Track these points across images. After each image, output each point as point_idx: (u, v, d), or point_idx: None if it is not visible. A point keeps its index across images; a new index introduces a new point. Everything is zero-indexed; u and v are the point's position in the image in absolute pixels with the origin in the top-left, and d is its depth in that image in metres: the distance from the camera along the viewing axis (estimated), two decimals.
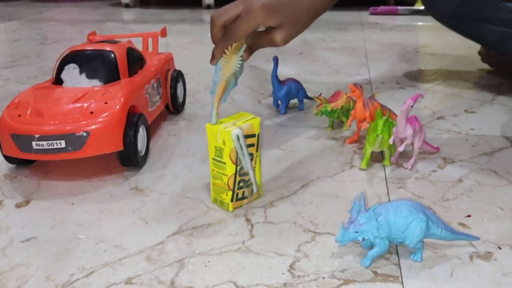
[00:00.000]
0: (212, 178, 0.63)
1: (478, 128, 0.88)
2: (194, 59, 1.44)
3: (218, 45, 0.65)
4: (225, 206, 0.63)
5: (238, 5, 0.65)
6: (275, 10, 0.65)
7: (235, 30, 0.64)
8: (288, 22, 0.65)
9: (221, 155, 0.60)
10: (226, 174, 0.61)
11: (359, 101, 0.80)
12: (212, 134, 0.60)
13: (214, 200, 0.64)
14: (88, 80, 0.76)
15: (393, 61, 1.36)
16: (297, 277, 0.51)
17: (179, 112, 0.97)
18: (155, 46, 0.96)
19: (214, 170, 0.62)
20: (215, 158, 0.61)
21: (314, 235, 0.58)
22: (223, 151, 0.59)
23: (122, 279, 0.51)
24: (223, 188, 0.62)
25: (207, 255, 0.55)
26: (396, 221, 0.51)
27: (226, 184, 0.61)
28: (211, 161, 0.62)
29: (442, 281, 0.50)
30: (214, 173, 0.62)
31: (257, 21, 0.64)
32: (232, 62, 0.63)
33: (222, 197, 0.63)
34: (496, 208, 0.63)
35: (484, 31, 1.04)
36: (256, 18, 0.64)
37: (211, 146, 0.61)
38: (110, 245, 0.57)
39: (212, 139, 0.60)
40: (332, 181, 0.71)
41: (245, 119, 0.61)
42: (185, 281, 0.50)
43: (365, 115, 0.80)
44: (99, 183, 0.71)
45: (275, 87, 0.95)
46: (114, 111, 0.69)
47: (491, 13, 1.00)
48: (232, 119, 0.62)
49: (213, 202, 0.65)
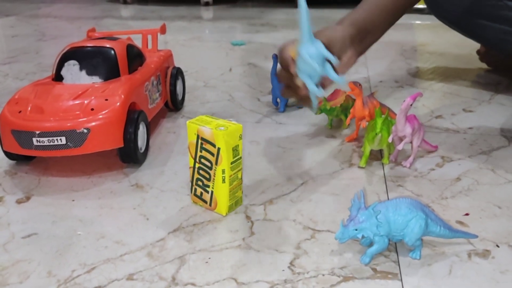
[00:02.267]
0: None
1: (476, 126, 0.89)
2: (193, 56, 1.44)
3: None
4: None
5: None
6: None
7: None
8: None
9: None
10: (190, 166, 0.62)
11: (358, 99, 0.80)
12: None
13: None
14: (88, 76, 0.76)
15: (392, 60, 1.36)
16: (297, 274, 0.51)
17: (178, 109, 0.98)
18: (155, 43, 0.97)
19: None
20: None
21: (313, 232, 0.59)
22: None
23: (123, 275, 0.51)
24: None
25: (207, 252, 0.55)
26: (396, 219, 0.51)
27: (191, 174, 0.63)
28: None
29: (440, 278, 0.51)
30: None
31: None
32: None
33: None
34: (494, 207, 0.63)
35: (484, 29, 1.05)
36: None
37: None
38: (111, 241, 0.57)
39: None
40: (331, 179, 0.71)
41: (226, 125, 0.59)
42: (186, 277, 0.51)
43: (364, 114, 0.80)
44: (99, 180, 0.71)
45: (274, 85, 0.95)
46: (114, 108, 0.69)
47: (492, 10, 1.01)
48: (216, 121, 0.61)
49: None
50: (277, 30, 1.81)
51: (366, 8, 0.80)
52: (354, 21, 0.76)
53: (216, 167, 0.59)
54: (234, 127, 0.59)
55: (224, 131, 0.58)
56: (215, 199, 0.61)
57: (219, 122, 0.60)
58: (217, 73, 1.25)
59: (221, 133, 0.57)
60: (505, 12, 0.99)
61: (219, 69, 1.28)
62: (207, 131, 0.59)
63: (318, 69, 0.59)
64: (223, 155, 0.58)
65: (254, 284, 0.50)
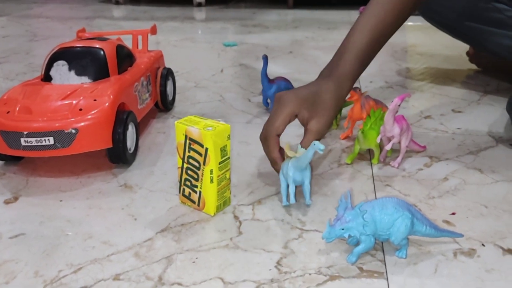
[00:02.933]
0: None
1: (464, 127, 0.90)
2: (184, 57, 1.44)
3: (268, 147, 0.67)
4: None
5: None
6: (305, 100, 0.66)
7: (272, 121, 0.66)
8: (317, 111, 0.66)
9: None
10: (179, 166, 0.63)
11: (357, 103, 0.81)
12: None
13: None
14: (77, 77, 0.76)
15: (382, 60, 1.37)
16: (284, 273, 0.52)
17: (168, 110, 0.98)
18: (145, 44, 0.97)
19: None
20: None
21: (301, 232, 0.59)
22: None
23: (110, 275, 0.51)
24: None
25: (195, 252, 0.55)
26: (382, 218, 0.52)
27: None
28: None
29: (426, 277, 0.51)
30: None
31: (290, 109, 0.65)
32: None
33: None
34: (480, 206, 0.64)
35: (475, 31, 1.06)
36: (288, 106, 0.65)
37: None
38: (98, 242, 0.57)
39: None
40: (320, 179, 0.71)
41: (214, 125, 0.59)
42: (173, 277, 0.51)
43: (362, 116, 0.81)
44: (88, 180, 0.71)
45: (264, 86, 0.95)
46: (103, 108, 0.69)
47: (482, 13, 1.02)
48: (204, 121, 0.61)
49: None
50: (269, 31, 1.81)
51: (366, 34, 0.72)
52: (356, 55, 0.71)
53: (204, 167, 0.60)
54: (222, 127, 0.59)
55: (212, 132, 0.58)
56: (203, 199, 0.62)
57: (207, 123, 0.60)
58: (209, 74, 1.25)
59: (209, 133, 0.58)
60: (495, 14, 1.00)
61: (210, 70, 1.28)
62: (195, 131, 0.59)
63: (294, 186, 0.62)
64: (211, 155, 0.58)
65: (241, 284, 0.50)
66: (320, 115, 0.66)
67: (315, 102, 0.66)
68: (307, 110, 0.66)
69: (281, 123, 0.65)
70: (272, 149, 0.66)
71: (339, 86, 0.68)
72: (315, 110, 0.66)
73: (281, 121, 0.65)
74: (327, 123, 0.66)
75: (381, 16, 0.73)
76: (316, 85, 0.68)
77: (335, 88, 0.68)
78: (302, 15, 2.18)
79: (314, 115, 0.65)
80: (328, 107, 0.66)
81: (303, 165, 0.60)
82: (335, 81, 0.68)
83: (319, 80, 0.70)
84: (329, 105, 0.66)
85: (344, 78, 0.69)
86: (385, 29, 0.74)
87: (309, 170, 0.62)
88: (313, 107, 0.66)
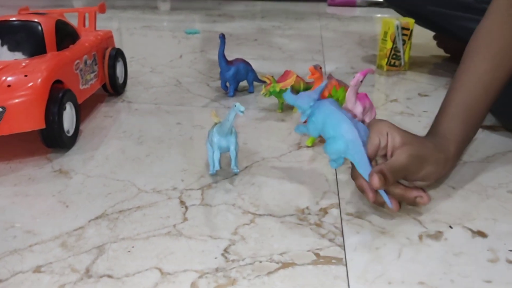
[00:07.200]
0: (379, 50, 1.08)
1: (431, 110, 0.85)
2: (141, 44, 1.36)
3: None
4: (383, 68, 1.07)
5: None
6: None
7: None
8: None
9: (386, 37, 1.06)
10: (387, 47, 1.00)
11: (318, 83, 0.75)
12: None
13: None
14: (10, 53, 0.68)
15: (349, 48, 1.33)
16: (231, 261, 0.46)
17: (119, 94, 0.90)
18: (92, 22, 0.89)
19: (380, 45, 1.09)
20: (383, 38, 1.07)
21: (253, 217, 0.53)
22: (387, 35, 1.05)
23: (30, 267, 0.44)
24: (384, 56, 1.05)
25: (131, 240, 0.49)
26: (326, 124, 0.52)
27: (385, 54, 1.03)
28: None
29: (389, 262, 0.46)
30: (381, 46, 1.08)
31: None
32: None
33: (382, 62, 1.08)
34: (448, 187, 0.59)
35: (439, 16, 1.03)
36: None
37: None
38: (21, 231, 0.50)
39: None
40: (277, 162, 0.66)
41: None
42: (103, 269, 0.44)
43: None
44: (18, 165, 0.63)
45: (222, 67, 0.89)
46: (34, 84, 0.62)
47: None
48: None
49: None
50: (234, 21, 1.75)
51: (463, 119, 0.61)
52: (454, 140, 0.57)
53: (409, 41, 0.90)
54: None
55: None
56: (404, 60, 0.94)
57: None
58: (166, 59, 1.18)
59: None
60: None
61: (168, 56, 1.21)
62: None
63: None
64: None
65: (181, 274, 0.44)
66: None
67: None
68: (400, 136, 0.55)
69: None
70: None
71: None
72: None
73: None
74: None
75: None
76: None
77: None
78: (271, 6, 2.12)
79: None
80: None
81: (225, 129, 0.58)
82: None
83: None
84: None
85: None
86: None
87: (234, 136, 0.60)
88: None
